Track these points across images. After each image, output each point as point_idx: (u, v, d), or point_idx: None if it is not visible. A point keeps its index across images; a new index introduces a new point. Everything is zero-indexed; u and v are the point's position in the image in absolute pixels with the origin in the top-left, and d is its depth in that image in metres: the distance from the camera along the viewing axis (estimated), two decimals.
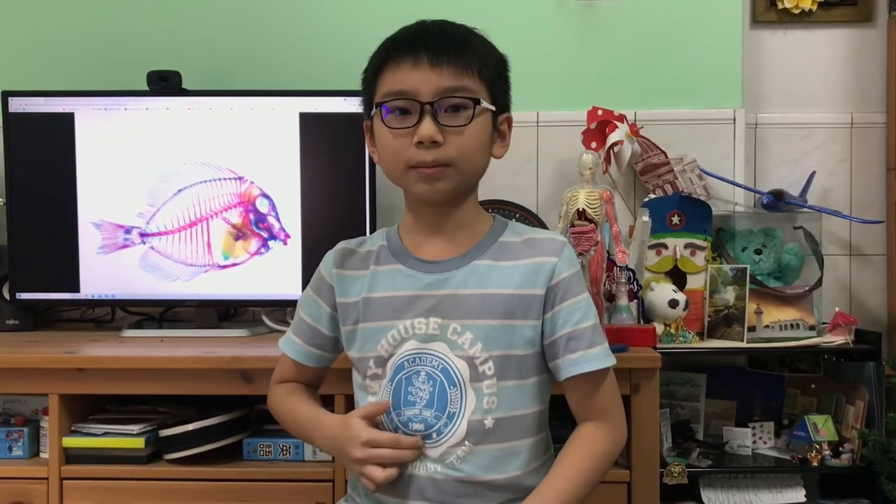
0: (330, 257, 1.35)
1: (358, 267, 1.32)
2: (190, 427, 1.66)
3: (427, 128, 1.21)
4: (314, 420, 1.33)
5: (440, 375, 1.25)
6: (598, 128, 2.04)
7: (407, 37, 1.26)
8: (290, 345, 1.38)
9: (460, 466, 1.23)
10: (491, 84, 1.26)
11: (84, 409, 1.75)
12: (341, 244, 1.37)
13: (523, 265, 1.27)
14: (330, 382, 1.45)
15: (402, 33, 1.27)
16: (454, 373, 1.25)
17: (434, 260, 1.29)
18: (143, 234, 2.02)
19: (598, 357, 1.26)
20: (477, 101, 1.23)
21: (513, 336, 1.25)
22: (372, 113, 1.27)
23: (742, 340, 1.93)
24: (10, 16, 2.24)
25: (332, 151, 2.00)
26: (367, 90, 1.29)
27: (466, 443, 1.23)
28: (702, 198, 2.06)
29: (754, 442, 1.98)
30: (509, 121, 1.32)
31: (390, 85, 1.23)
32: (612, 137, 2.01)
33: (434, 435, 1.24)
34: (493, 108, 1.26)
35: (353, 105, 1.98)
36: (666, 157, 2.10)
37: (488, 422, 1.24)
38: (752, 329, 1.95)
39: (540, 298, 1.26)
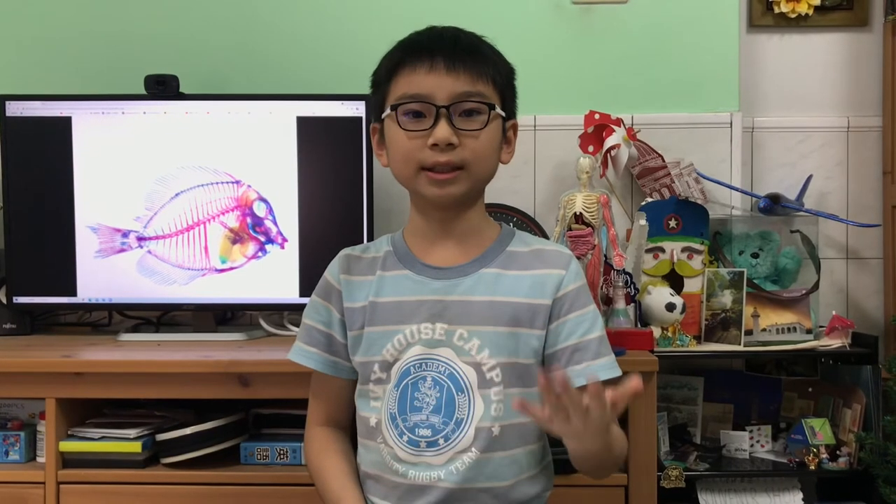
0: (335, 264, 1.35)
1: (364, 272, 1.32)
2: (187, 431, 1.65)
3: (443, 130, 1.21)
4: (338, 498, 1.28)
5: (447, 381, 1.25)
6: (596, 132, 2.05)
7: (421, 41, 1.26)
8: (305, 354, 1.34)
9: (465, 473, 1.23)
10: (503, 91, 1.27)
11: (81, 414, 1.75)
12: (345, 251, 1.36)
13: (531, 276, 1.28)
14: None
15: (416, 37, 1.27)
16: (462, 379, 1.25)
17: (442, 266, 1.29)
18: (140, 238, 2.02)
19: (604, 368, 1.27)
20: (492, 107, 1.24)
21: (518, 344, 1.26)
22: (383, 115, 1.27)
23: (739, 344, 1.93)
24: (8, 19, 2.23)
25: (329, 155, 2.00)
26: (379, 93, 1.29)
27: (473, 449, 1.23)
28: (699, 201, 2.07)
29: (752, 445, 1.98)
30: (515, 127, 1.33)
31: (405, 88, 1.23)
32: (610, 141, 2.02)
33: (441, 441, 1.24)
34: (504, 114, 1.27)
35: (350, 109, 1.98)
36: (663, 160, 2.10)
37: (496, 429, 1.24)
38: (749, 332, 1.96)
39: (546, 308, 1.27)
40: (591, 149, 2.04)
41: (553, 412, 1.09)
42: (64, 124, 2.01)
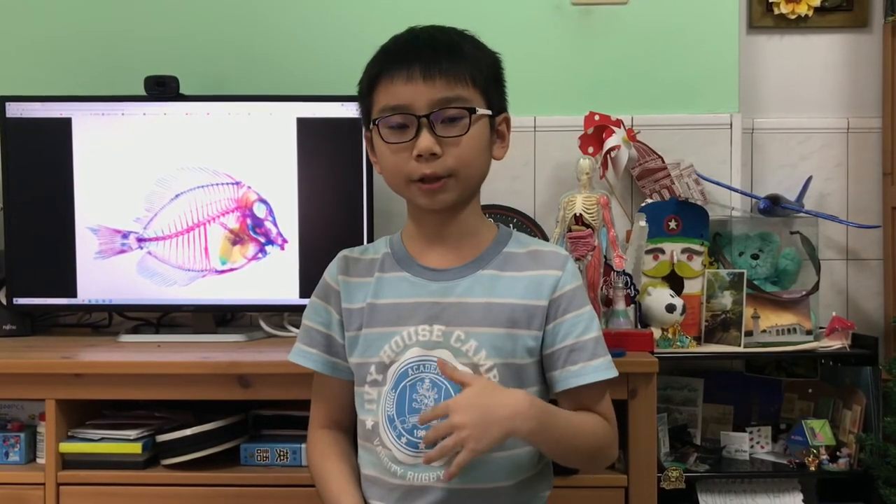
0: (334, 265, 1.35)
1: (363, 274, 1.32)
2: (187, 432, 1.65)
3: (425, 141, 1.21)
4: (337, 502, 1.28)
5: (445, 383, 1.24)
6: (595, 133, 2.04)
7: (398, 49, 1.25)
8: (305, 355, 1.34)
9: (465, 474, 1.23)
10: (485, 88, 1.26)
11: (81, 415, 1.75)
12: (343, 252, 1.36)
13: (527, 277, 1.28)
14: None
15: (392, 44, 1.27)
16: None
17: (439, 268, 1.29)
18: (140, 239, 2.02)
19: (600, 368, 1.26)
20: (472, 111, 1.23)
21: (515, 345, 1.26)
22: (371, 127, 1.28)
23: (739, 345, 1.93)
24: (8, 21, 2.24)
25: (329, 156, 2.00)
26: (364, 103, 1.29)
27: None
28: (699, 203, 2.07)
29: (752, 447, 1.98)
30: (507, 121, 1.32)
31: (385, 100, 1.23)
32: (609, 142, 2.02)
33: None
34: (489, 113, 1.26)
35: (350, 110, 1.98)
36: (663, 161, 2.10)
37: None
38: (749, 334, 1.96)
39: (543, 309, 1.26)
40: (591, 150, 2.03)
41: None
42: (64, 125, 2.01)
